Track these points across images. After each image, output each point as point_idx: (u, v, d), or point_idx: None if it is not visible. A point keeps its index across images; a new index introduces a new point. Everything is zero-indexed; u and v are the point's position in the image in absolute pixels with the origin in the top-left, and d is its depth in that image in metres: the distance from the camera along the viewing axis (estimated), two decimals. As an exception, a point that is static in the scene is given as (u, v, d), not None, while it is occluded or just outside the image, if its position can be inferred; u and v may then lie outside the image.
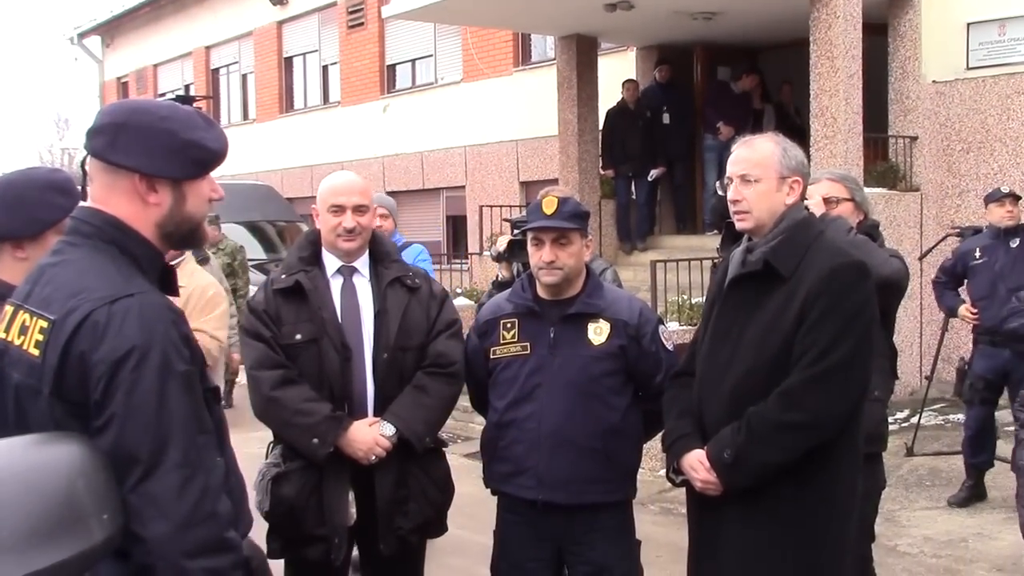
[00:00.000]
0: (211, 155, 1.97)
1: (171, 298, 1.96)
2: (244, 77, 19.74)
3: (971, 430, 6.24)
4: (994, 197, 6.25)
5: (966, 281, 6.38)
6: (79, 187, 2.52)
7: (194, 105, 2.09)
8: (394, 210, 5.27)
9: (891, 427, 7.85)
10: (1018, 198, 6.24)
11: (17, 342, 1.85)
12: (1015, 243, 6.17)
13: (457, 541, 3.78)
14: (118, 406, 1.73)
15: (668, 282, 8.24)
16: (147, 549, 1.71)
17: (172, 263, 2.05)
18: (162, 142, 1.90)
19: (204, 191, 2.00)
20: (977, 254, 6.30)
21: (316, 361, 3.15)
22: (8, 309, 1.92)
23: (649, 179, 11.34)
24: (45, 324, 1.80)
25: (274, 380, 3.12)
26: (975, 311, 6.22)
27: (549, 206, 3.15)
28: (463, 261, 13.38)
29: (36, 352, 1.80)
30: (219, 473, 1.87)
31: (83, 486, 1.52)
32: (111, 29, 22.92)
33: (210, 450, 1.85)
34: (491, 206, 11.99)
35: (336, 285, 3.26)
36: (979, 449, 6.20)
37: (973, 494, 6.24)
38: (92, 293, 1.80)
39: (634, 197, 11.51)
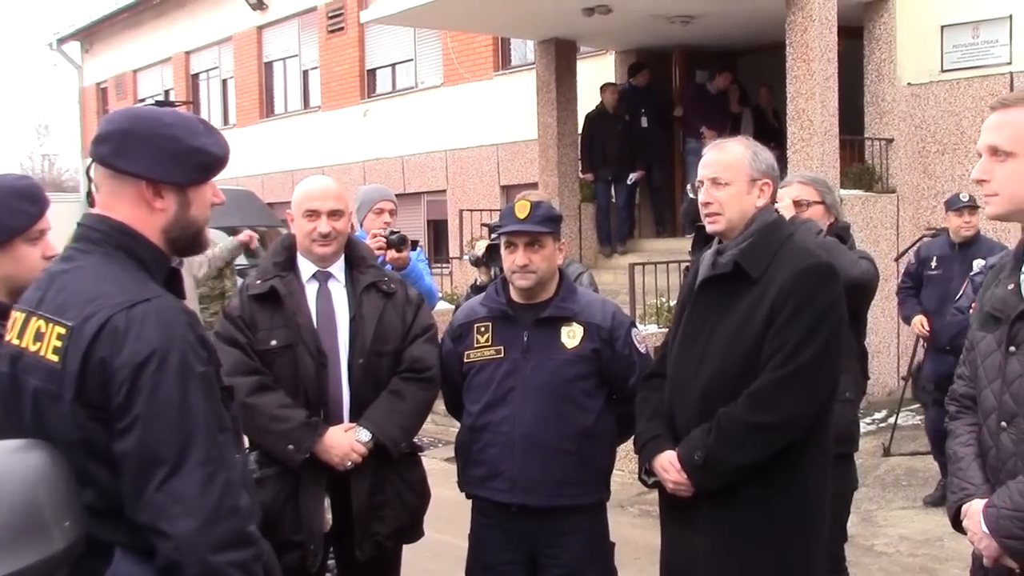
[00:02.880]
0: (214, 160, 2.01)
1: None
2: (224, 82, 19.65)
3: (931, 432, 6.24)
4: (953, 205, 6.21)
5: (922, 288, 6.39)
6: (86, 193, 2.53)
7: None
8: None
9: (869, 427, 7.95)
10: (976, 208, 6.11)
11: (32, 348, 1.87)
12: (977, 264, 6.18)
13: (435, 545, 3.78)
14: (142, 408, 1.78)
15: (647, 285, 8.28)
16: (174, 546, 1.76)
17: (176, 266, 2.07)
18: (167, 148, 1.94)
19: (207, 196, 2.04)
20: (933, 264, 6.30)
21: (291, 367, 3.14)
22: (19, 316, 1.93)
23: (628, 182, 11.37)
24: (63, 330, 1.83)
25: (249, 386, 3.11)
26: (927, 328, 6.24)
27: (522, 210, 3.17)
28: (444, 265, 13.38)
29: (55, 358, 1.82)
30: (239, 469, 1.92)
31: (44, 493, 1.53)
32: (90, 35, 22.80)
33: (229, 447, 1.90)
34: (472, 210, 12.00)
35: (311, 290, 3.26)
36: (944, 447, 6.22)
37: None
38: (109, 299, 1.83)
39: (613, 200, 11.54)
